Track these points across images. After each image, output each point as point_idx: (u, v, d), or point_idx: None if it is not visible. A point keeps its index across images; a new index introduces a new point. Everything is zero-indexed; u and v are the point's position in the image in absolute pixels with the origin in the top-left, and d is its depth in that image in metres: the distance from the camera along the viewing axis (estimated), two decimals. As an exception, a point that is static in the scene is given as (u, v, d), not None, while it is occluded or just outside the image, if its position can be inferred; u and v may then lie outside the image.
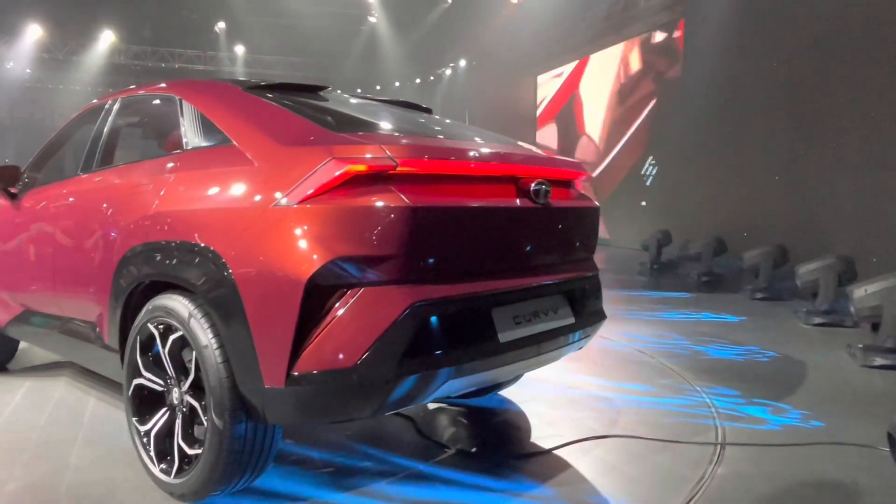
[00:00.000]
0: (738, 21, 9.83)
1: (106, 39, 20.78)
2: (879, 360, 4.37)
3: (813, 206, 8.08)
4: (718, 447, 2.95)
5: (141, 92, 3.16)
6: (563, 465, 2.76)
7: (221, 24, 21.48)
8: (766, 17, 9.17)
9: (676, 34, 12.02)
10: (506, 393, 3.67)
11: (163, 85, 3.01)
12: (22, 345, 4.13)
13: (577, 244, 2.81)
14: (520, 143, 2.94)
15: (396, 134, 2.52)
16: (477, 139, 2.72)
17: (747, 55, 9.50)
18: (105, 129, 3.18)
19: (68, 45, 20.89)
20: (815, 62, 8.13)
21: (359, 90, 22.81)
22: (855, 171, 7.41)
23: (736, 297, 7.52)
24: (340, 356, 2.01)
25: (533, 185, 2.45)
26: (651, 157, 12.82)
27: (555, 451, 2.89)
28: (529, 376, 3.79)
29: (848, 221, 7.49)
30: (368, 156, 2.07)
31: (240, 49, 22.80)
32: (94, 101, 3.52)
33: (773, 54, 9.00)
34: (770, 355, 4.81)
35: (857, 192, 7.37)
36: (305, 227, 2.04)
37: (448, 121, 3.27)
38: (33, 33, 19.74)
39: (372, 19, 20.75)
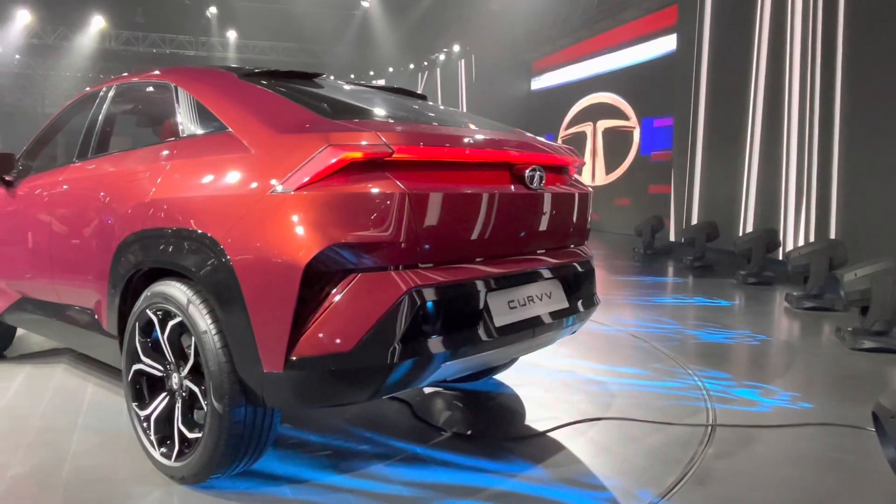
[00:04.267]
0: (731, 6, 9.82)
1: (96, 24, 20.56)
2: (868, 343, 4.44)
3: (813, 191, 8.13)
4: (709, 429, 3.00)
5: (135, 79, 3.16)
6: (558, 447, 2.81)
7: (213, 10, 21.28)
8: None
9: (670, 19, 11.99)
10: (500, 377, 3.72)
11: (157, 72, 3.01)
12: (19, 332, 4.15)
13: (571, 229, 2.84)
14: (514, 129, 2.96)
15: (392, 121, 2.54)
16: (471, 126, 2.74)
17: (739, 41, 9.50)
18: (100, 117, 3.18)
19: (58, 31, 20.66)
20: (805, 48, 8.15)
21: (352, 76, 22.70)
22: (847, 159, 7.46)
23: (728, 282, 7.58)
24: (338, 341, 2.04)
25: (527, 171, 2.48)
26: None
27: (549, 434, 2.93)
28: (524, 360, 3.84)
29: (840, 208, 7.56)
30: (364, 143, 2.09)
31: (231, 34, 22.60)
32: (88, 88, 3.52)
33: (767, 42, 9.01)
34: (761, 339, 4.87)
35: (849, 180, 7.43)
36: (302, 214, 2.06)
37: (442, 107, 3.29)
38: (22, 18, 19.51)
39: (365, 4, 20.61)
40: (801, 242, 8.04)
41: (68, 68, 22.65)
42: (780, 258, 7.89)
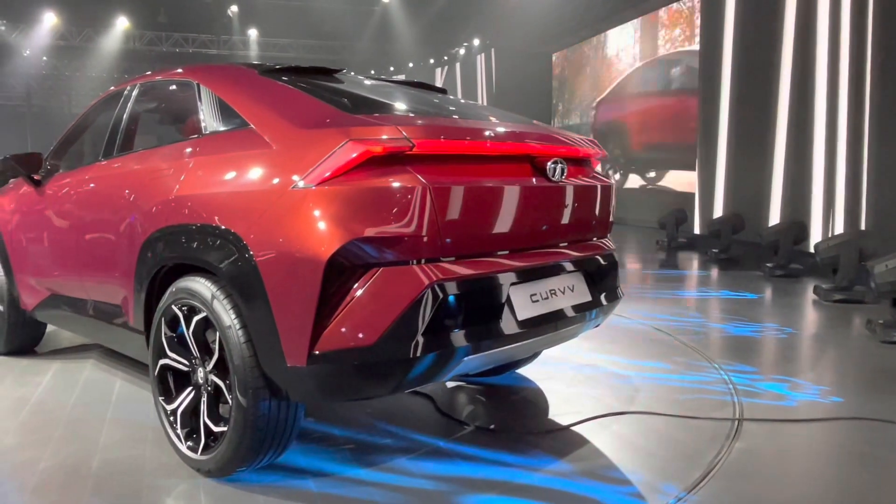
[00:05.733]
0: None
1: (120, 25, 20.87)
2: (900, 336, 4.34)
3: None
4: (736, 422, 2.96)
5: (159, 77, 3.20)
6: (581, 441, 2.79)
7: (234, 8, 21.45)
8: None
9: (694, 6, 11.82)
10: (523, 371, 3.70)
11: (180, 70, 3.03)
12: (49, 328, 4.23)
13: (594, 222, 2.82)
14: (535, 122, 2.94)
15: (412, 115, 2.53)
16: (492, 119, 2.72)
17: (765, 26, 9.32)
18: (124, 115, 3.22)
19: (83, 32, 21.00)
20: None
21: (372, 71, 22.74)
22: (878, 148, 7.29)
23: (755, 275, 7.47)
24: (360, 335, 2.05)
25: (549, 163, 2.46)
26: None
27: (572, 428, 2.92)
28: (547, 355, 3.82)
29: (871, 198, 7.39)
30: (385, 137, 2.09)
31: (253, 32, 22.78)
32: (112, 87, 3.57)
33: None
34: (789, 332, 4.79)
35: (880, 169, 7.26)
36: (324, 209, 2.06)
37: (463, 101, 3.28)
38: (48, 21, 19.86)
39: (384, 0, 20.62)
40: (829, 234, 7.89)
41: (94, 69, 23.01)
42: (809, 250, 7.75)
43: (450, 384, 3.52)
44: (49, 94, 26.35)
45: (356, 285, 2.06)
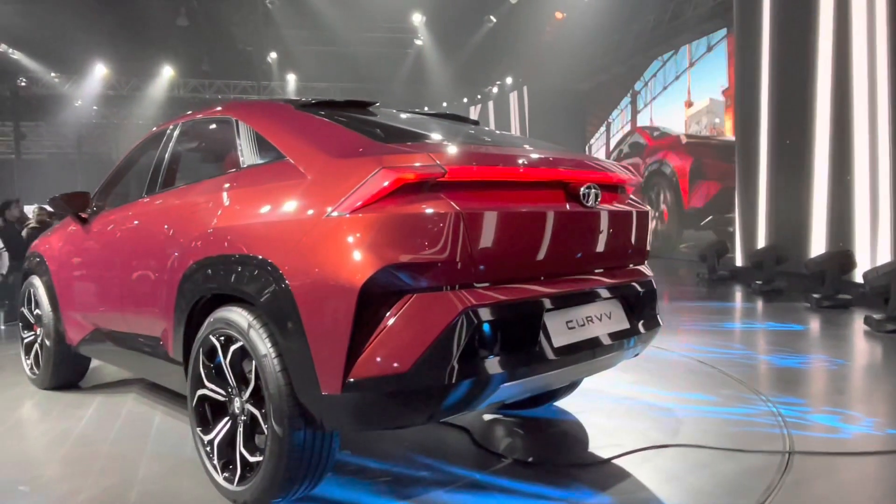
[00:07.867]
0: (790, 25, 9.57)
1: (166, 74, 21.77)
2: (960, 366, 4.14)
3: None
4: (786, 455, 2.83)
5: (199, 116, 3.30)
6: (623, 475, 2.70)
7: (273, 55, 22.19)
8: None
9: (725, 42, 11.79)
10: (562, 403, 3.62)
11: (219, 108, 3.14)
12: (93, 363, 4.31)
13: (629, 249, 2.78)
14: (568, 149, 2.93)
15: (444, 143, 2.55)
16: (525, 146, 2.73)
17: (800, 58, 9.22)
18: (167, 154, 3.32)
19: (131, 82, 21.93)
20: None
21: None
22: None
23: (801, 306, 7.24)
24: (395, 363, 2.04)
25: (582, 188, 2.44)
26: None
27: (614, 461, 2.83)
28: (586, 387, 3.74)
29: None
30: (417, 164, 2.10)
31: (291, 78, 23.49)
32: (155, 128, 3.69)
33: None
34: (839, 363, 4.61)
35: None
36: (357, 236, 2.08)
37: (496, 131, 3.29)
38: (99, 72, 20.83)
39: (418, 42, 21.08)
40: (877, 262, 7.62)
41: (140, 116, 23.90)
42: (857, 279, 7.49)
43: (486, 417, 3.46)
44: (98, 142, 27.40)
45: (390, 312, 2.05)
